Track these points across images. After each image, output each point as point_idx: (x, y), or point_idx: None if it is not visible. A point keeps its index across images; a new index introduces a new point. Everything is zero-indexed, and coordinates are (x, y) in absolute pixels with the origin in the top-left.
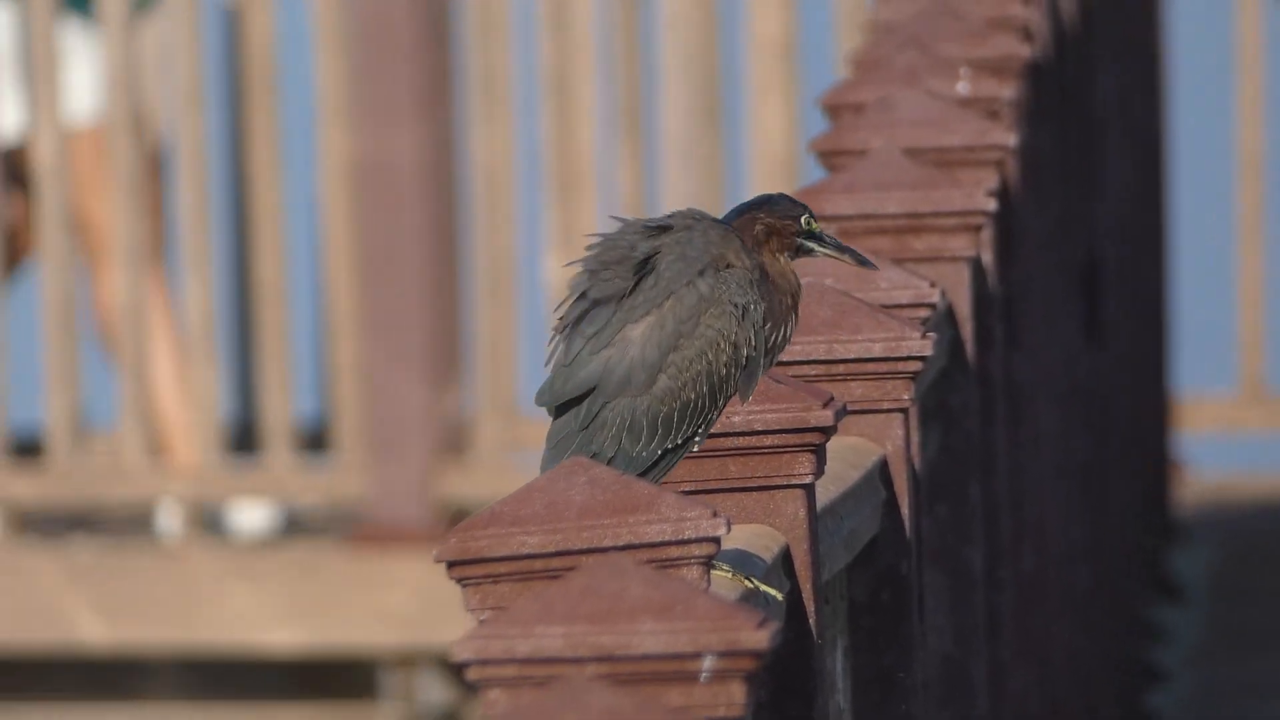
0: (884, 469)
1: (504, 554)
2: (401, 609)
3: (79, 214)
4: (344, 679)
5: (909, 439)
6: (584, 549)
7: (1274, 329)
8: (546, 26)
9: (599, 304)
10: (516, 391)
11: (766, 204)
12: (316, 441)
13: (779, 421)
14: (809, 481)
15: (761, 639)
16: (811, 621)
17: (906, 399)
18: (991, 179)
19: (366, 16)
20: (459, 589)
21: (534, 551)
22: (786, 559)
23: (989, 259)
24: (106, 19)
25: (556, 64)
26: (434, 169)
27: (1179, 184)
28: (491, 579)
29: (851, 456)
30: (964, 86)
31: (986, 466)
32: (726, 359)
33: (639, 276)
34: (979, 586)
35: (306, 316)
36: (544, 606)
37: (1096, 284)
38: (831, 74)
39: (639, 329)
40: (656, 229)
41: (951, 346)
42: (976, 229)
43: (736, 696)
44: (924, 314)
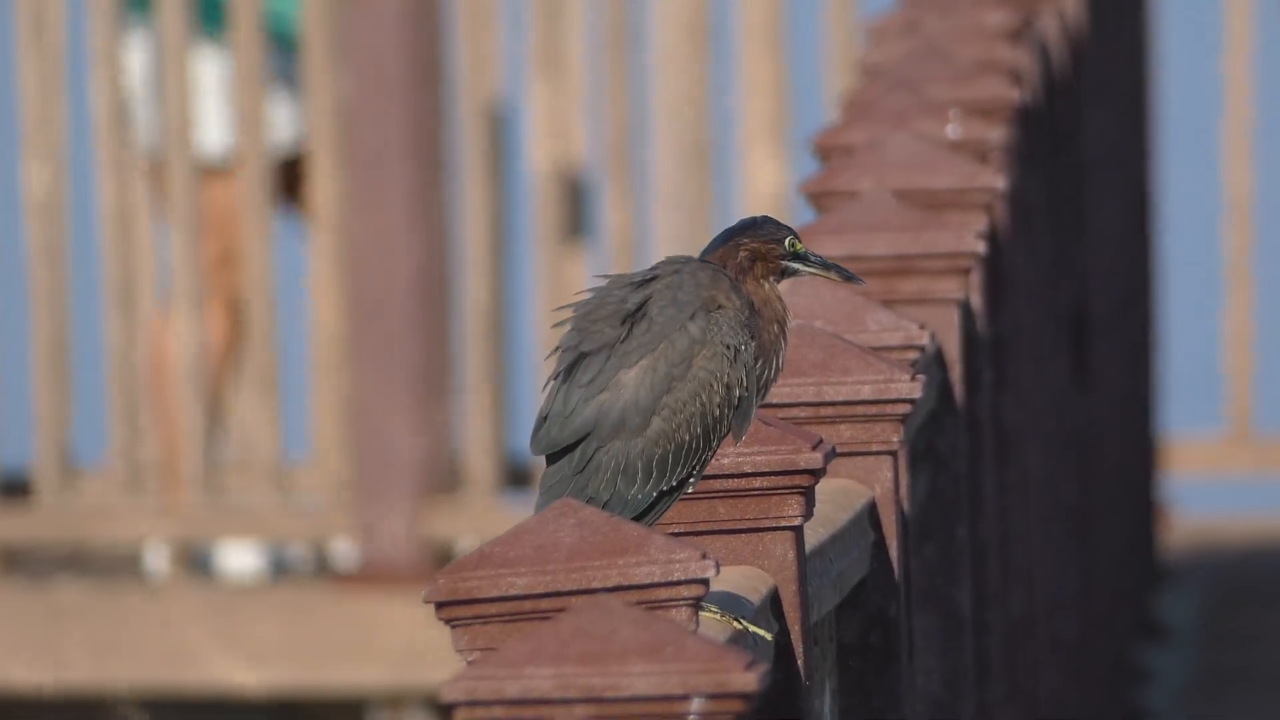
0: (873, 511)
1: (493, 595)
2: (390, 650)
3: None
4: None
5: (898, 481)
6: (573, 590)
7: (1261, 371)
8: (536, 65)
9: (591, 354)
10: (506, 432)
11: (751, 228)
12: (305, 481)
13: (768, 464)
14: (798, 523)
15: (750, 681)
16: (800, 663)
17: (895, 441)
18: (980, 222)
19: (357, 55)
20: (448, 630)
21: (523, 593)
22: (775, 601)
23: (978, 302)
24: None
25: (547, 104)
26: (425, 210)
27: (1167, 228)
28: (481, 620)
29: (840, 498)
30: (953, 129)
31: (974, 509)
32: (720, 400)
33: (631, 323)
34: (967, 629)
35: (295, 355)
36: (533, 648)
37: (1085, 327)
38: (821, 116)
39: (632, 373)
40: (644, 280)
41: (940, 389)
42: (966, 271)
43: None
44: (913, 356)
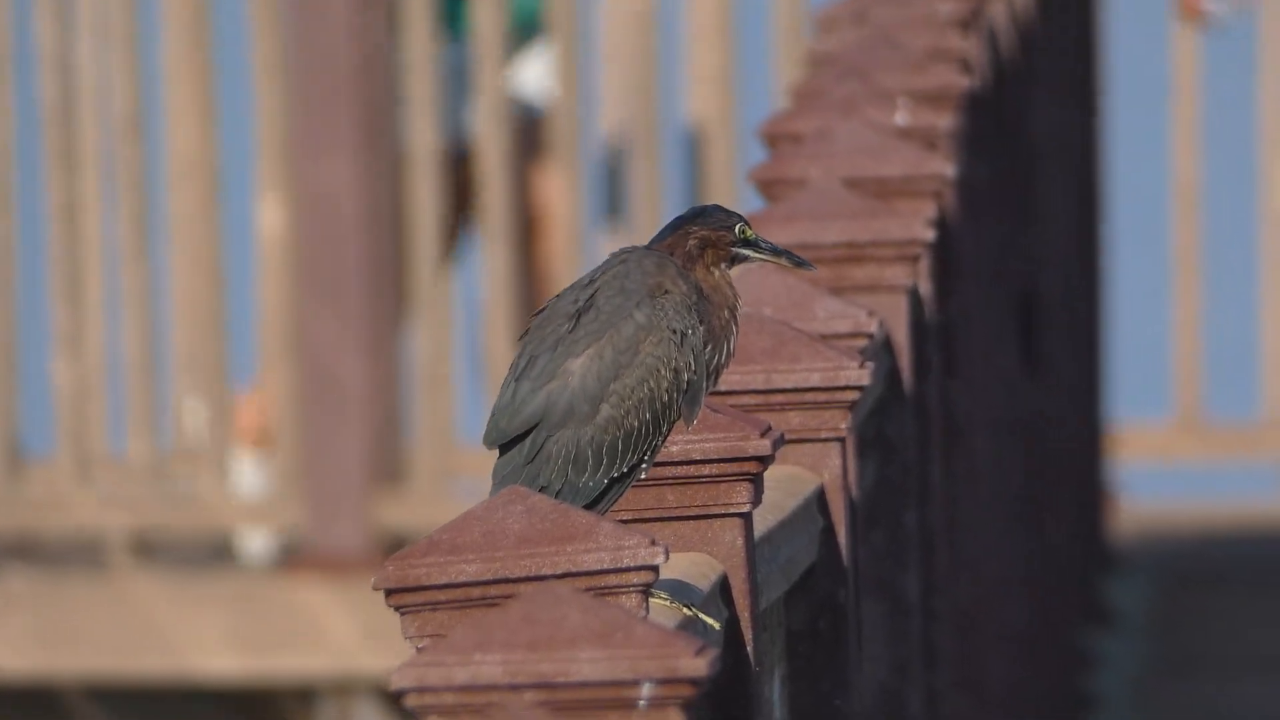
0: (821, 498)
1: (442, 582)
2: (339, 637)
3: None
4: (281, 707)
5: (846, 468)
6: (522, 577)
7: (1209, 359)
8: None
9: (541, 353)
10: (453, 420)
11: (700, 216)
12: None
13: (717, 450)
14: (746, 510)
15: (699, 666)
16: (749, 649)
17: (844, 428)
18: (930, 209)
19: (306, 49)
20: (397, 617)
21: (472, 579)
22: (724, 587)
23: (927, 289)
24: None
25: (492, 89)
26: (374, 200)
27: (1116, 215)
28: (430, 607)
29: (789, 485)
30: (902, 117)
31: (923, 495)
32: (668, 385)
33: (579, 315)
34: (915, 615)
35: (243, 345)
36: (482, 634)
37: (1033, 314)
38: (770, 106)
39: (579, 361)
40: (593, 278)
41: (889, 376)
42: (914, 259)
43: None
44: (862, 343)
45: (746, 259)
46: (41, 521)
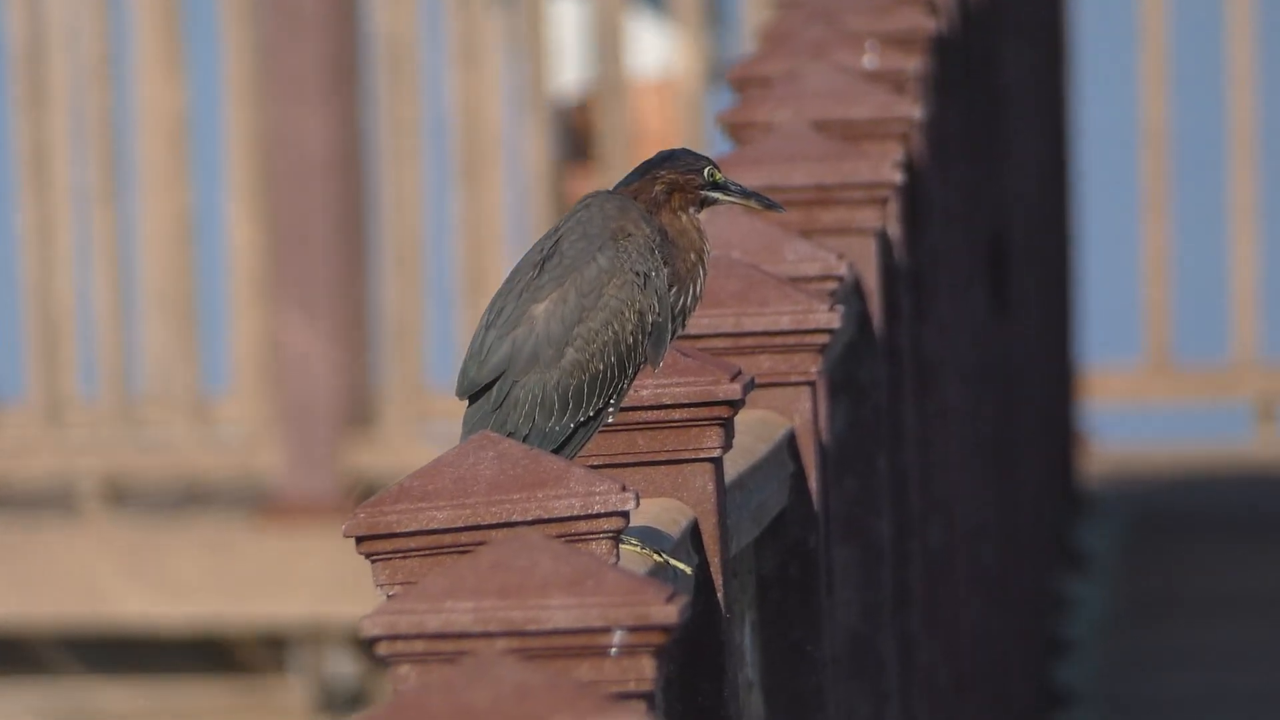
0: (792, 442)
1: (413, 529)
2: (310, 584)
3: None
4: (252, 653)
5: (817, 412)
6: (493, 524)
7: (1179, 301)
8: (450, 8)
9: (510, 301)
10: (423, 365)
11: (668, 160)
12: (224, 414)
13: (687, 395)
14: (717, 455)
15: (671, 613)
16: (720, 595)
17: (814, 372)
18: (898, 152)
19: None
20: (368, 564)
21: (443, 526)
22: (695, 533)
23: (896, 232)
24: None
25: (464, 36)
26: (341, 145)
27: (1084, 158)
28: (400, 554)
29: (759, 430)
30: (870, 60)
31: (894, 440)
32: (632, 327)
33: (543, 260)
34: (887, 560)
35: (214, 290)
36: (453, 581)
37: (1003, 257)
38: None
39: (542, 306)
40: (559, 226)
41: (859, 320)
42: (883, 202)
43: (646, 670)
44: (832, 286)
45: (715, 202)
46: (12, 467)
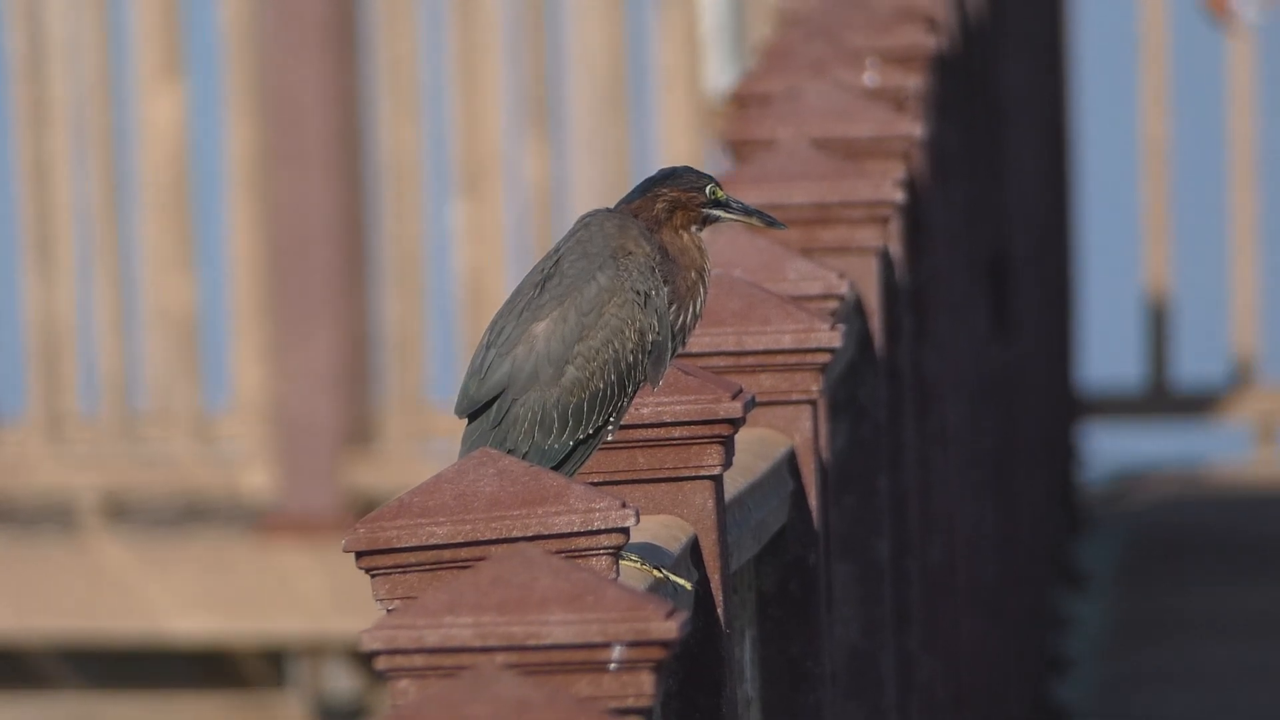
0: (792, 460)
1: (413, 544)
2: (309, 599)
3: None
4: (251, 668)
5: (817, 430)
6: (493, 539)
7: (1179, 320)
8: (454, 14)
9: (510, 321)
10: (423, 383)
11: (670, 178)
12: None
13: (688, 413)
14: (717, 473)
15: (670, 629)
16: (720, 611)
17: (815, 390)
18: (899, 170)
19: (276, 7)
20: (368, 579)
21: (443, 542)
22: (695, 549)
23: (897, 250)
24: None
25: (464, 52)
26: (342, 160)
27: (1084, 175)
28: (400, 569)
29: (760, 448)
30: (871, 77)
31: (894, 458)
32: (632, 346)
33: (545, 282)
34: (886, 577)
35: (215, 306)
36: (453, 597)
37: (1004, 275)
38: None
39: (543, 325)
40: (559, 245)
41: (860, 338)
42: (884, 220)
43: (645, 686)
44: (833, 305)
45: (718, 219)
46: (12, 483)
